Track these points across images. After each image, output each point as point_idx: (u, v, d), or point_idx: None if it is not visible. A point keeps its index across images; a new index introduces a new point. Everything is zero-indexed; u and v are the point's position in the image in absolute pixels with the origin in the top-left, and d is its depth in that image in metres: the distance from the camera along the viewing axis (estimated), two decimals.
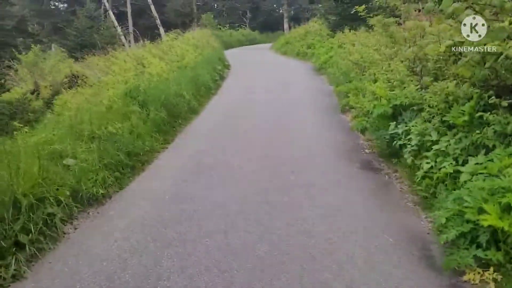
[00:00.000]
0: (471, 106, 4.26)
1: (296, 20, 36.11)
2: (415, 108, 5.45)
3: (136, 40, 31.51)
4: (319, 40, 18.71)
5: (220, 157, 6.20)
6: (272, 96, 10.74)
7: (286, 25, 37.38)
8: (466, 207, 3.18)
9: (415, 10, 7.94)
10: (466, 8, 4.08)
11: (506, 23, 3.68)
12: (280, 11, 42.49)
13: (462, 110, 4.34)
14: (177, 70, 11.68)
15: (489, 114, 3.84)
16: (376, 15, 10.34)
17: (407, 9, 7.82)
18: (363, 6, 10.29)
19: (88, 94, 9.00)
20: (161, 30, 30.34)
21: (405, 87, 5.95)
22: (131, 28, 34.24)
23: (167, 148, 6.97)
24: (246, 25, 39.52)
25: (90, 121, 6.17)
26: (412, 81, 6.17)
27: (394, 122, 5.48)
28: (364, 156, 6.07)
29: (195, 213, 4.36)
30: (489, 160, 3.73)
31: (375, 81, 8.31)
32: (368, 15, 10.34)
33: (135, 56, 14.09)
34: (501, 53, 3.70)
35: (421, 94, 5.58)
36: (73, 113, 6.95)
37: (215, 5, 40.98)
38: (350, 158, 5.99)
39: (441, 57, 5.93)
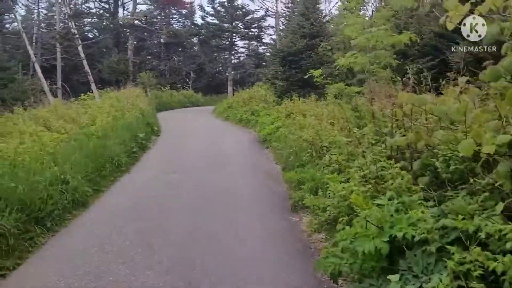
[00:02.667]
0: None
1: (241, 83, 34.59)
2: (432, 249, 3.00)
3: (66, 96, 28.41)
4: (264, 107, 16.67)
5: None
6: (202, 178, 8.14)
7: (230, 88, 35.90)
8: None
9: (391, 78, 5.84)
10: None
11: None
12: (226, 74, 41.15)
13: None
14: (78, 140, 8.84)
15: None
16: (335, 82, 8.37)
17: (385, 74, 5.74)
18: (320, 71, 8.25)
19: None
20: (93, 86, 27.47)
21: (403, 203, 3.54)
22: (59, 83, 31.11)
23: None
24: (189, 86, 37.50)
25: None
26: (411, 188, 3.80)
27: (397, 276, 2.97)
28: None
29: None
30: None
31: (339, 171, 5.99)
32: (326, 81, 8.32)
33: (38, 117, 11.11)
34: None
35: (437, 219, 3.17)
36: None
37: (158, 64, 38.89)
38: None
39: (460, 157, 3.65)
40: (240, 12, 38.29)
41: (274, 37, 39.27)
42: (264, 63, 35.68)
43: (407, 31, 12.13)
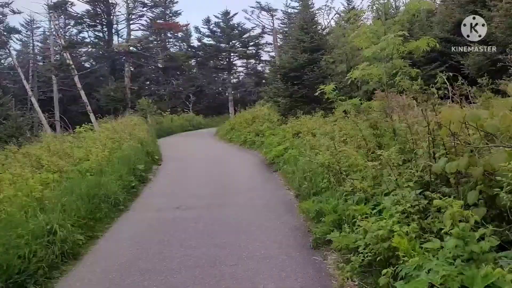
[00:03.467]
0: None
1: (242, 103, 34.06)
2: None
3: (65, 128, 27.80)
4: (269, 127, 15.95)
5: None
6: (208, 213, 7.35)
7: (231, 109, 35.38)
8: None
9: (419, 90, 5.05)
10: None
11: None
12: (226, 94, 40.67)
13: None
14: (70, 179, 8.10)
15: None
16: (346, 98, 7.57)
17: (416, 87, 4.98)
18: (331, 86, 7.47)
19: None
20: (92, 117, 26.92)
21: (470, 253, 2.74)
22: (57, 116, 30.61)
23: None
24: (189, 109, 36.94)
25: None
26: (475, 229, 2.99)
27: None
28: None
29: None
30: None
31: (366, 200, 5.22)
32: (339, 95, 7.49)
33: (31, 155, 10.40)
34: None
35: None
36: None
37: (157, 89, 38.40)
38: None
39: None
40: (236, 31, 38.04)
41: (272, 54, 38.96)
42: (264, 81, 35.22)
43: (410, 37, 11.49)
